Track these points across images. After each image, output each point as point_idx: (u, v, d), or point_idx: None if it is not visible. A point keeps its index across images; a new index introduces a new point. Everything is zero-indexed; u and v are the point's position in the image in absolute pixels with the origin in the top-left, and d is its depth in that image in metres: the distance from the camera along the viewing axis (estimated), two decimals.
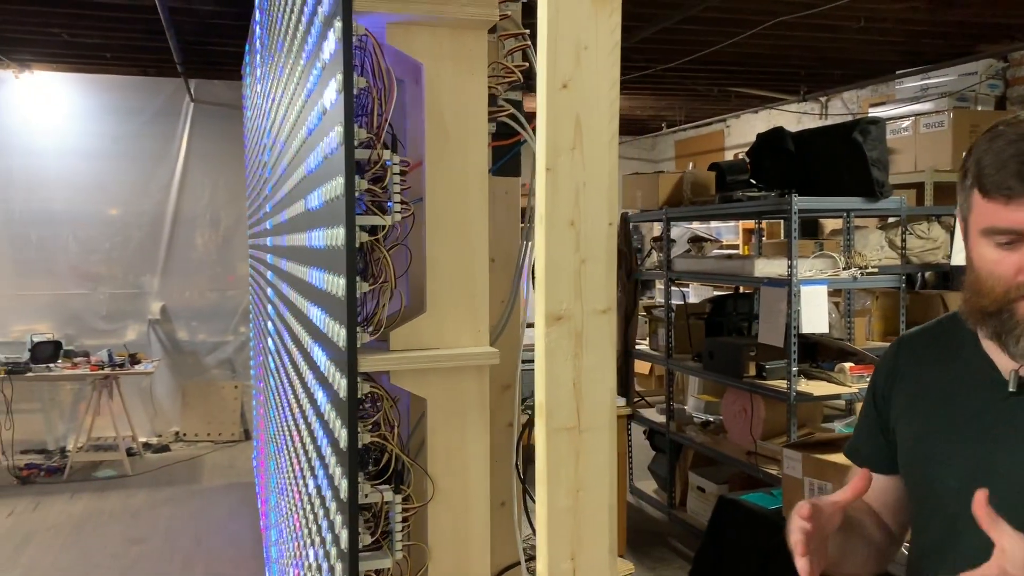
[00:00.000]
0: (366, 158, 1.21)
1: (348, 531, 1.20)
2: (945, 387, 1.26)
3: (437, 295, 1.29)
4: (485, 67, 1.30)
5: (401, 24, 1.24)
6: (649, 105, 9.27)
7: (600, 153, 1.08)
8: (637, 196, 5.72)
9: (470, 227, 1.29)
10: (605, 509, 1.10)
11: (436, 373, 1.27)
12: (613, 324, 1.10)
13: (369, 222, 1.22)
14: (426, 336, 1.28)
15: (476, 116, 1.29)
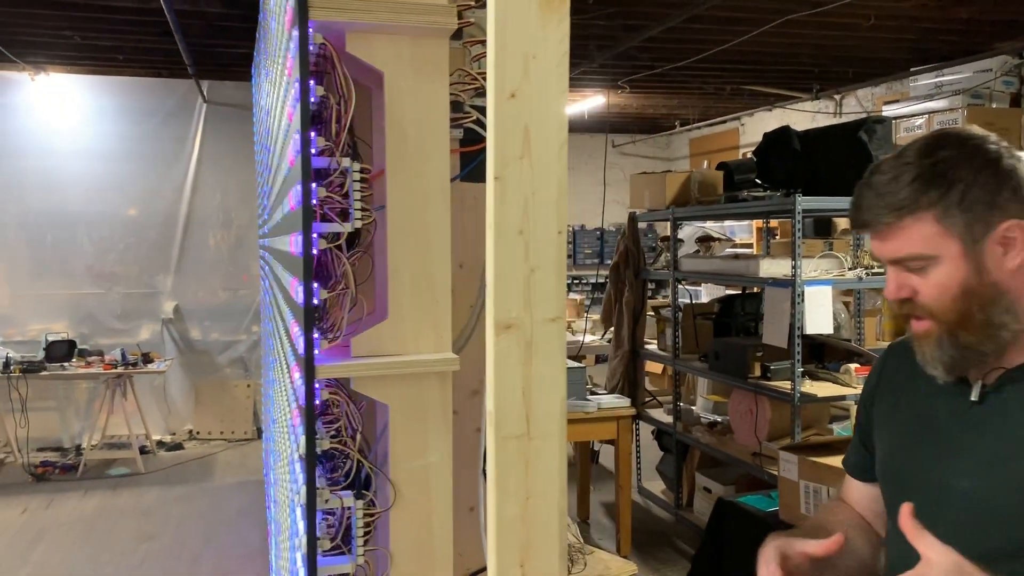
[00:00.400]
0: (326, 166, 1.22)
1: (306, 535, 1.21)
2: (917, 399, 1.27)
3: (399, 302, 1.29)
4: (446, 74, 1.30)
5: (361, 32, 1.25)
6: (661, 103, 9.24)
7: (549, 162, 1.08)
8: (644, 195, 5.70)
9: (432, 234, 1.30)
10: (555, 517, 1.10)
11: (397, 379, 1.28)
12: (562, 333, 1.10)
13: (329, 229, 1.23)
14: (387, 343, 1.28)
15: (437, 123, 1.30)
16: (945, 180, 1.11)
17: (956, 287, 1.11)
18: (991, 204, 1.10)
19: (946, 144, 1.14)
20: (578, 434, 4.93)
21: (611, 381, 6.12)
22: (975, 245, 1.11)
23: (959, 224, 1.11)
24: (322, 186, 1.20)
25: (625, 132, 11.59)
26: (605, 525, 5.27)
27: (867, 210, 1.16)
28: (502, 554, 1.07)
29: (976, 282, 1.11)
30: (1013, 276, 1.12)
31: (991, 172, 1.11)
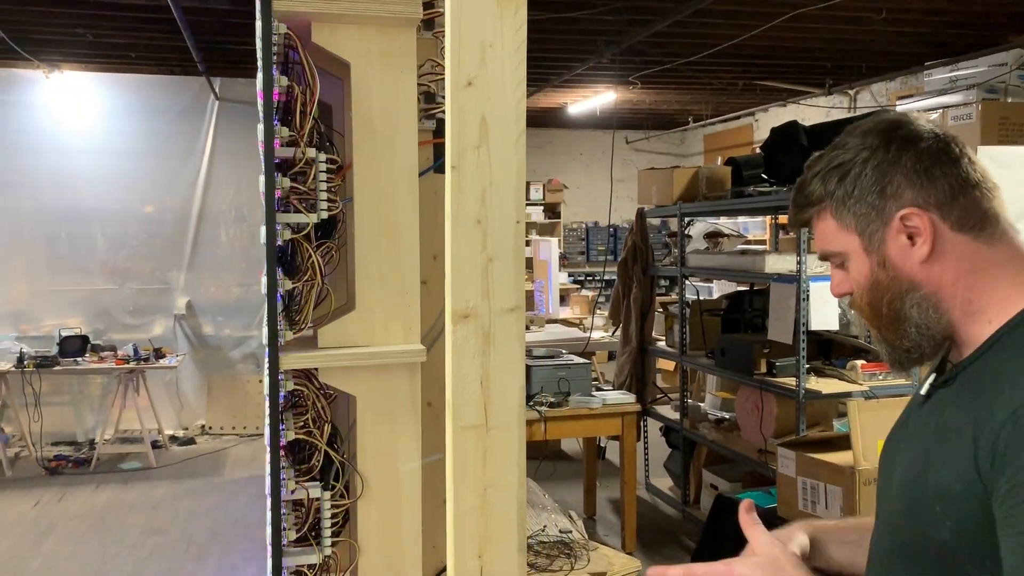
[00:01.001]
0: (291, 156, 1.22)
1: (271, 526, 1.21)
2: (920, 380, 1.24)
3: (366, 293, 1.29)
4: (414, 65, 1.30)
5: (326, 23, 1.25)
6: (674, 99, 9.19)
7: (507, 152, 1.07)
8: (652, 191, 5.67)
9: (400, 225, 1.29)
10: (514, 507, 1.10)
11: (364, 371, 1.27)
12: (521, 323, 1.09)
13: (292, 220, 1.23)
14: (354, 334, 1.28)
15: (405, 114, 1.29)
16: (837, 172, 1.07)
17: (864, 282, 1.08)
18: (882, 193, 1.04)
19: (852, 132, 1.09)
20: (583, 430, 4.92)
21: (619, 377, 6.10)
22: (872, 237, 1.06)
23: (852, 217, 1.06)
24: (287, 176, 1.20)
25: (638, 128, 11.55)
26: (611, 521, 5.25)
27: (792, 208, 1.14)
28: (460, 545, 1.07)
29: (883, 276, 1.06)
30: (926, 269, 1.04)
31: (881, 158, 1.04)
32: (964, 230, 1.03)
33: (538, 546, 4.52)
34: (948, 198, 1.02)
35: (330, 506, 1.27)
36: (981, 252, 1.03)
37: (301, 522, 1.27)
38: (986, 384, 0.98)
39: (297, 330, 1.25)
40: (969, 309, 1.03)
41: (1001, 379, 0.97)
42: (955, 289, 1.04)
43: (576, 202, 11.99)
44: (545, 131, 11.81)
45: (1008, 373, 0.96)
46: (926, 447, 1.05)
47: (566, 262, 11.46)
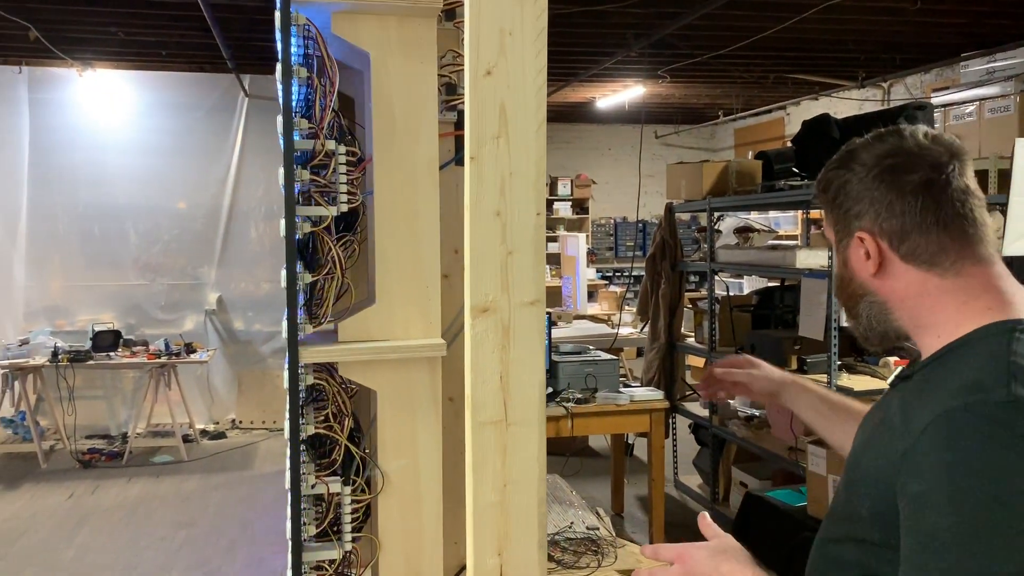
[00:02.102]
0: (310, 148, 1.21)
1: (290, 521, 1.21)
2: None
3: (386, 287, 1.28)
4: (434, 55, 1.28)
5: (347, 13, 1.24)
6: (704, 93, 9.11)
7: (527, 142, 1.05)
8: (681, 185, 5.62)
9: (420, 219, 1.28)
10: (534, 504, 1.08)
11: (384, 365, 1.26)
12: (542, 317, 1.07)
13: (312, 213, 1.22)
14: (374, 328, 1.27)
15: (426, 106, 1.28)
16: (835, 178, 1.19)
17: (836, 272, 1.24)
18: (850, 211, 1.17)
19: (859, 144, 1.20)
20: (610, 426, 4.88)
21: (647, 374, 6.06)
22: (841, 242, 1.19)
23: (832, 219, 1.21)
24: (306, 169, 1.19)
25: (668, 123, 11.46)
26: (639, 518, 5.22)
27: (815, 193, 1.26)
28: (479, 542, 1.06)
29: (845, 273, 1.20)
30: (877, 282, 1.16)
31: (860, 181, 1.15)
32: (913, 262, 1.13)
33: (564, 542, 4.50)
34: (901, 233, 1.13)
35: (350, 501, 1.26)
36: (930, 281, 1.13)
37: (321, 517, 1.26)
38: (924, 392, 1.08)
39: (316, 324, 1.24)
40: (918, 323, 1.15)
41: (932, 390, 1.07)
42: (903, 305, 1.16)
43: (605, 197, 11.93)
44: (573, 126, 11.77)
45: (937, 386, 1.06)
46: (870, 432, 1.19)
47: (594, 258, 11.41)
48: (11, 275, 7.18)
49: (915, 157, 1.12)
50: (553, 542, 4.46)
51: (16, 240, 7.17)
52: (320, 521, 1.25)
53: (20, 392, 6.52)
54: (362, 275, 1.38)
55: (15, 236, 7.17)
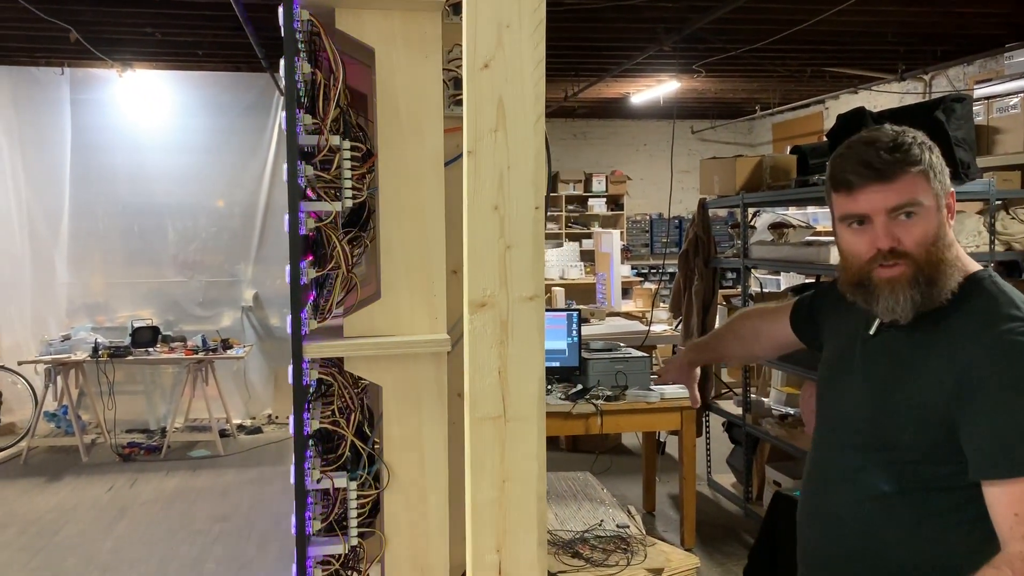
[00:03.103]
0: (314, 144, 1.21)
1: (295, 516, 1.21)
2: (845, 323, 1.60)
3: (392, 282, 1.28)
4: (440, 50, 1.27)
5: (350, 8, 1.23)
6: (740, 87, 9.00)
7: (524, 135, 1.04)
8: (714, 180, 5.56)
9: (425, 214, 1.27)
10: (533, 500, 1.07)
11: (389, 360, 1.26)
12: (540, 312, 1.06)
13: (317, 208, 1.22)
14: (380, 323, 1.27)
15: (431, 100, 1.27)
16: (930, 150, 1.44)
17: (933, 232, 1.41)
18: (945, 174, 1.45)
19: (908, 130, 1.47)
20: (641, 424, 4.85)
21: None
22: (940, 202, 1.43)
23: (936, 184, 1.42)
24: (310, 164, 1.19)
25: (704, 118, 11.35)
26: (671, 517, 5.18)
27: (880, 164, 1.40)
28: (477, 538, 1.05)
29: (943, 231, 1.43)
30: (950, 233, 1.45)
31: (937, 155, 1.45)
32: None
33: (594, 540, 4.47)
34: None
35: (356, 496, 1.26)
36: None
37: (327, 512, 1.27)
38: (951, 327, 1.37)
39: (322, 319, 1.24)
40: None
41: (961, 326, 1.36)
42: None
43: (640, 193, 11.86)
44: (608, 122, 11.71)
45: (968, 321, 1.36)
46: (889, 370, 1.43)
47: (629, 255, 11.34)
48: (53, 272, 7.34)
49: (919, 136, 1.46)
50: (582, 539, 4.44)
51: (58, 238, 7.33)
52: (326, 516, 1.25)
53: (62, 387, 6.66)
54: (374, 272, 1.38)
55: (57, 234, 7.33)
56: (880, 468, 1.40)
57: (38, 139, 7.30)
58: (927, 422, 1.34)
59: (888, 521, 1.39)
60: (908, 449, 1.36)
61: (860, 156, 1.42)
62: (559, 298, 9.15)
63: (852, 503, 1.44)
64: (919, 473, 1.36)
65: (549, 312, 5.19)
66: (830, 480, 1.51)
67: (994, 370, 1.29)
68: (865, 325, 1.52)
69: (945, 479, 1.34)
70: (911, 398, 1.37)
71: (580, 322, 4.84)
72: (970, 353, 1.32)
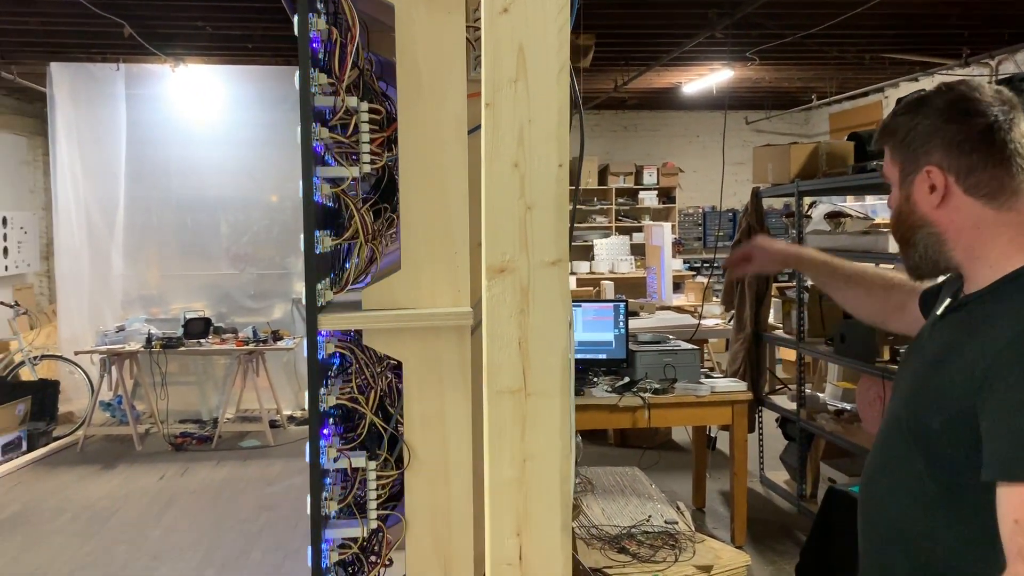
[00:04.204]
0: (330, 106, 1.15)
1: (310, 496, 1.16)
2: (933, 306, 1.52)
3: (412, 253, 1.21)
4: (463, 5, 1.20)
5: None
6: (796, 76, 8.77)
7: (547, 86, 0.97)
8: (768, 169, 5.40)
9: (448, 182, 1.20)
10: (556, 481, 1.00)
11: (409, 334, 1.20)
12: (565, 278, 0.99)
13: (332, 174, 1.16)
14: (400, 295, 1.20)
15: (453, 60, 1.20)
16: (905, 121, 1.35)
17: (895, 208, 1.39)
18: (920, 148, 1.33)
19: (928, 93, 1.37)
20: (689, 418, 4.74)
21: (732, 365, 5.86)
22: (906, 178, 1.35)
23: (900, 156, 1.37)
24: (325, 127, 1.13)
25: (759, 108, 11.11)
26: (721, 514, 5.05)
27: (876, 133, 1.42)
28: (496, 521, 0.98)
29: (905, 208, 1.36)
30: (940, 213, 1.33)
31: (932, 123, 1.32)
32: (974, 194, 1.30)
33: (641, 536, 4.38)
34: (969, 167, 1.30)
35: (376, 477, 1.20)
36: (987, 214, 1.30)
37: (343, 494, 1.21)
38: (989, 317, 1.29)
39: (339, 290, 1.18)
40: (973, 254, 1.32)
41: (1001, 315, 1.27)
42: (959, 236, 1.33)
43: (693, 186, 11.65)
44: (660, 113, 11.53)
45: (1006, 312, 1.26)
46: (935, 354, 1.36)
47: (681, 248, 11.16)
48: (109, 265, 7.48)
49: (983, 103, 1.29)
50: (629, 535, 4.35)
51: (114, 231, 7.46)
52: (343, 497, 1.19)
53: (117, 377, 6.77)
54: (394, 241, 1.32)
55: (113, 228, 7.46)
56: (918, 457, 1.35)
57: (95, 134, 7.44)
58: (953, 411, 1.28)
59: (923, 512, 1.34)
60: (939, 438, 1.31)
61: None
62: (608, 292, 9.04)
63: (892, 492, 1.41)
64: (952, 464, 1.30)
65: (595, 303, 5.10)
66: (877, 468, 1.47)
67: (1018, 367, 1.20)
68: (934, 312, 1.45)
69: (974, 473, 1.25)
70: (942, 386, 1.31)
71: (627, 313, 4.74)
72: (1000, 346, 1.24)
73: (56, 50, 7.11)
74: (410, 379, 1.22)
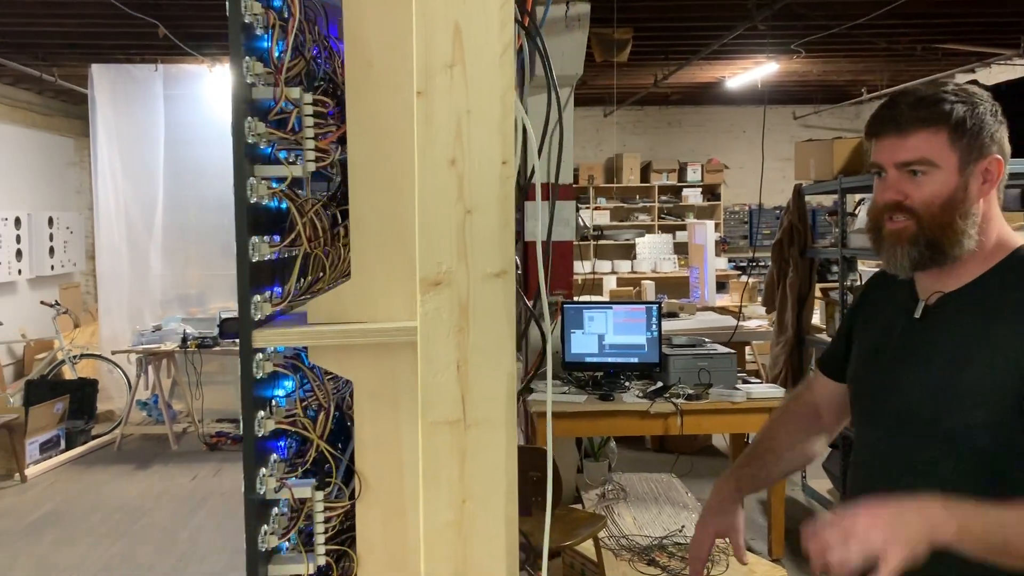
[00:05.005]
0: (268, 97, 1.04)
1: (246, 530, 1.05)
2: (881, 313, 1.56)
3: (363, 260, 1.09)
4: None
5: None
6: (845, 69, 8.49)
7: (488, 72, 0.84)
8: (810, 165, 5.19)
9: (402, 179, 1.08)
10: (501, 525, 0.87)
11: (360, 350, 1.08)
12: (510, 292, 0.86)
13: (272, 173, 1.05)
14: (349, 307, 1.08)
15: (408, 47, 1.07)
16: (969, 105, 1.37)
17: (944, 195, 1.36)
18: (990, 137, 1.37)
19: (968, 89, 1.40)
20: (724, 425, 4.56)
21: (773, 370, 5.66)
22: (967, 166, 1.37)
23: (962, 145, 1.36)
24: (261, 121, 1.02)
25: (807, 103, 10.79)
26: (759, 524, 4.86)
27: (899, 116, 1.38)
28: (432, 571, 0.85)
29: (960, 195, 1.37)
30: (983, 202, 1.39)
31: (991, 117, 1.38)
32: (999, 188, 1.41)
33: (672, 547, 4.22)
34: (1006, 161, 1.40)
35: (323, 508, 1.09)
36: (996, 206, 1.41)
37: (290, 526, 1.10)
38: (1017, 303, 1.34)
39: (277, 303, 1.07)
40: (981, 242, 1.38)
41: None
42: (985, 226, 1.39)
43: (739, 183, 11.38)
44: (704, 108, 11.27)
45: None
46: (951, 350, 1.37)
47: (726, 247, 10.91)
48: (148, 264, 7.53)
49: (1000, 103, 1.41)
50: (660, 546, 4.19)
51: (153, 231, 7.51)
52: (284, 532, 1.08)
53: (153, 376, 6.80)
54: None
55: (152, 227, 7.51)
56: (952, 459, 1.34)
57: (134, 134, 7.49)
58: (999, 403, 1.29)
59: None
60: (980, 435, 1.30)
61: (888, 107, 1.42)
62: (649, 292, 8.85)
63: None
64: (994, 463, 1.30)
65: (626, 304, 4.93)
66: (896, 476, 1.41)
67: None
68: (903, 311, 1.47)
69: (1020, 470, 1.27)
70: (980, 378, 1.31)
71: (660, 315, 4.57)
72: None
73: (96, 52, 7.18)
74: (361, 400, 1.10)
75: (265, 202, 1.08)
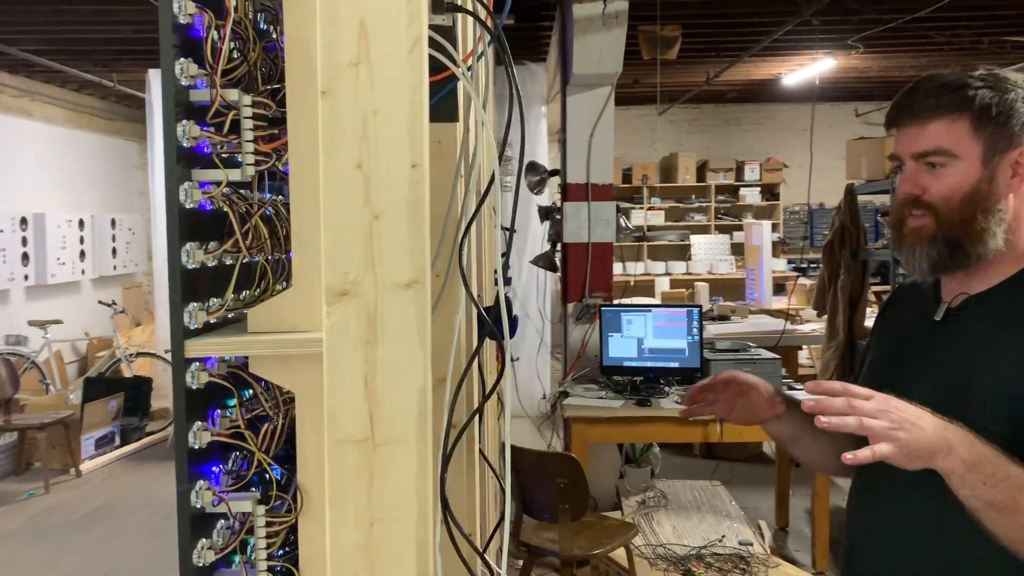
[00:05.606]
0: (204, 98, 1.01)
1: (179, 546, 1.02)
2: (901, 318, 1.49)
3: (305, 267, 1.05)
4: None
5: None
6: (907, 64, 8.20)
7: (396, 69, 0.79)
8: (861, 163, 5.01)
9: None
10: (412, 549, 0.82)
11: (300, 360, 1.04)
12: (423, 302, 0.81)
13: (205, 177, 1.02)
14: (289, 315, 1.04)
15: None
16: (997, 92, 1.26)
17: (968, 188, 1.27)
18: (1016, 129, 1.26)
19: (998, 74, 1.29)
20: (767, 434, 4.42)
21: (824, 375, 5.48)
22: (993, 157, 1.26)
23: (987, 134, 1.26)
24: (196, 124, 0.99)
25: (868, 99, 10.46)
26: (805, 535, 4.70)
27: (917, 103, 1.29)
28: None
29: (985, 189, 1.27)
30: (1012, 197, 1.27)
31: (1022, 103, 1.26)
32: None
33: (711, 557, 4.10)
34: None
35: (265, 523, 1.05)
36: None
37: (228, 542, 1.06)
38: None
39: (212, 312, 1.04)
40: (1011, 243, 1.28)
41: None
42: (1017, 224, 1.28)
43: (800, 182, 11.08)
44: (762, 106, 11.03)
45: None
46: (961, 359, 1.29)
47: (785, 248, 10.65)
48: None
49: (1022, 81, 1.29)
50: (698, 556, 4.08)
51: None
52: (222, 547, 1.05)
53: None
54: None
55: None
56: None
57: None
58: (1013, 411, 1.20)
59: (972, 536, 1.18)
60: (993, 443, 1.17)
61: (908, 94, 1.32)
62: (703, 294, 8.68)
63: (932, 516, 1.28)
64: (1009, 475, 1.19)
65: (666, 307, 4.82)
66: (902, 491, 1.34)
67: None
68: (923, 316, 1.38)
69: None
70: (997, 384, 1.23)
71: (701, 319, 4.46)
72: None
73: (151, 57, 7.34)
74: (303, 412, 1.06)
75: (199, 207, 1.05)
